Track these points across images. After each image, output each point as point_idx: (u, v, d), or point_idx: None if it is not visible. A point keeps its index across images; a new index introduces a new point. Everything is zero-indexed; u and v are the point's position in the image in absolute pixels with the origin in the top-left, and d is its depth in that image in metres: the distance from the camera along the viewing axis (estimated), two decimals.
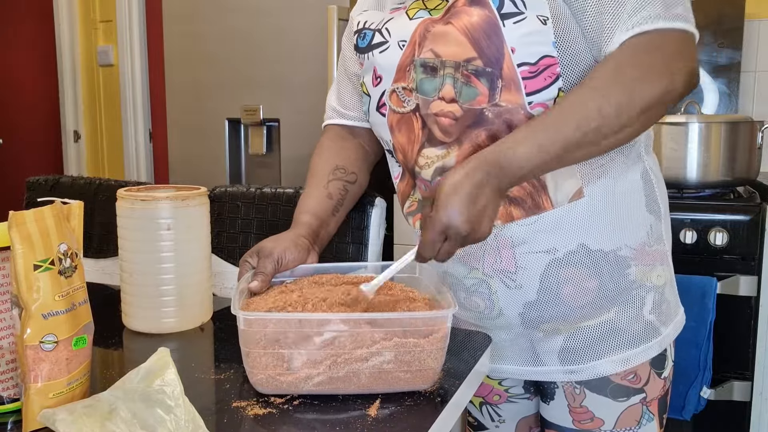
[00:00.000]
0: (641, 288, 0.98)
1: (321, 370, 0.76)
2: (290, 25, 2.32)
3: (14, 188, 3.05)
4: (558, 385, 1.03)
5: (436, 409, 0.75)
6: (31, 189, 1.61)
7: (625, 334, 0.98)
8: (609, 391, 1.00)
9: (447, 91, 0.92)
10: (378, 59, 1.00)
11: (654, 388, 1.01)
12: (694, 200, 1.81)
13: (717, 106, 2.28)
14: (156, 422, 0.65)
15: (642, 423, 1.01)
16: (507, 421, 1.18)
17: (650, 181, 0.99)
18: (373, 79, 1.01)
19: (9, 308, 0.75)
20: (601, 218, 0.94)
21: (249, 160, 2.54)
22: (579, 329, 0.98)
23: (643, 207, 0.98)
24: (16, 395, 0.75)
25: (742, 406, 1.78)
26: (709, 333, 1.70)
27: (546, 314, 0.97)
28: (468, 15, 0.90)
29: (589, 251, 0.94)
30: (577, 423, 1.02)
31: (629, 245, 0.96)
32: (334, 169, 1.11)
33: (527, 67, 0.88)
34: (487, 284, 0.98)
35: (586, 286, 0.95)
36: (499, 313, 0.99)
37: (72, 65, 3.41)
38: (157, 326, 1.01)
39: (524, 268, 0.95)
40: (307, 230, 1.02)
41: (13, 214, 0.68)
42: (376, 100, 1.02)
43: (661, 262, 1.00)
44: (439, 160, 0.95)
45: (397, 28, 0.98)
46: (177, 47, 2.54)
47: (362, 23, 1.04)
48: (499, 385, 1.16)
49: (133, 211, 0.99)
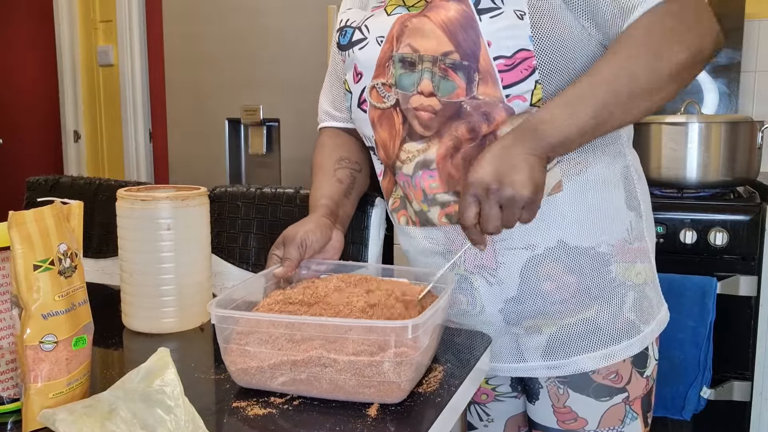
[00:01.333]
0: (621, 286, 0.98)
1: (283, 371, 0.76)
2: (290, 25, 2.32)
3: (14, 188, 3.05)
4: (542, 385, 1.04)
5: (436, 409, 0.75)
6: (31, 189, 1.61)
7: (605, 331, 0.98)
8: (591, 391, 1.00)
9: (425, 86, 0.93)
10: (358, 56, 1.01)
11: (636, 387, 1.02)
12: (694, 200, 1.81)
13: (717, 106, 2.29)
14: (156, 422, 0.65)
15: (626, 422, 1.02)
16: (495, 421, 1.19)
17: (631, 177, 1.00)
18: (354, 76, 1.02)
19: (9, 308, 0.75)
20: (580, 215, 0.94)
21: (249, 160, 2.54)
22: (561, 327, 0.99)
23: (623, 204, 0.98)
24: (16, 395, 0.75)
25: (742, 406, 1.78)
26: (709, 333, 1.70)
27: (527, 310, 0.98)
28: (445, 9, 0.91)
29: (568, 248, 0.95)
30: (562, 423, 1.03)
31: (609, 242, 0.96)
32: (339, 159, 1.12)
33: (503, 60, 0.89)
34: (468, 281, 0.98)
35: (566, 282, 0.96)
36: (481, 310, 1.00)
37: (72, 65, 3.41)
38: (157, 326, 1.01)
39: (504, 264, 0.96)
40: (325, 211, 1.03)
41: (13, 214, 0.68)
42: (357, 97, 1.02)
43: (641, 260, 1.00)
44: (420, 154, 0.96)
45: (375, 24, 0.99)
46: (177, 47, 2.54)
47: (344, 21, 1.06)
48: (486, 384, 1.16)
49: (133, 211, 0.99)
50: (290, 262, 0.95)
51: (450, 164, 0.94)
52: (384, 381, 0.74)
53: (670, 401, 1.75)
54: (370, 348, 0.74)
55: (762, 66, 2.28)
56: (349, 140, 1.15)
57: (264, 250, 1.37)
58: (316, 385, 0.76)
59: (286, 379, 0.77)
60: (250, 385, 0.79)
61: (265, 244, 1.37)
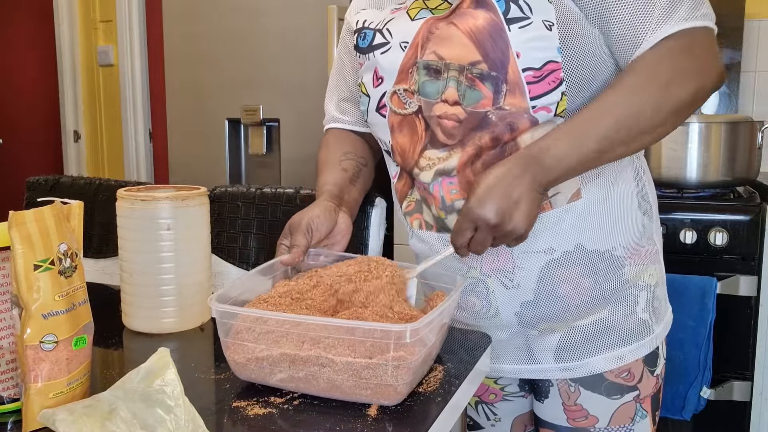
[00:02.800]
0: (635, 287, 0.99)
1: (282, 367, 0.76)
2: (290, 25, 2.32)
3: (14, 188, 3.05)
4: (553, 383, 1.04)
5: (436, 409, 0.75)
6: (31, 189, 1.61)
7: (618, 332, 0.99)
8: (603, 389, 1.00)
9: (450, 94, 0.92)
10: (380, 60, 0.99)
11: (647, 386, 1.02)
12: (694, 200, 1.81)
13: (717, 106, 2.29)
14: (156, 422, 0.65)
15: (636, 420, 1.02)
16: (502, 420, 1.19)
17: (642, 182, 1.01)
18: (374, 80, 1.01)
19: (9, 308, 0.75)
20: (597, 219, 0.95)
21: (249, 160, 2.54)
22: (574, 328, 0.99)
23: (636, 208, 0.99)
24: (16, 395, 0.75)
25: (742, 406, 1.78)
26: (709, 333, 1.70)
27: (542, 313, 0.98)
28: (473, 18, 0.90)
29: (586, 251, 0.95)
30: (572, 421, 1.03)
31: (623, 245, 0.97)
32: (344, 153, 1.12)
33: (532, 71, 0.88)
34: (484, 284, 0.98)
35: (583, 285, 0.96)
36: (495, 313, 0.99)
37: (72, 65, 3.41)
38: (157, 326, 1.01)
39: (522, 267, 0.95)
40: (329, 196, 1.03)
41: (13, 214, 0.68)
42: (376, 101, 1.01)
43: (653, 261, 1.01)
44: (440, 162, 0.95)
45: (398, 28, 0.98)
46: (177, 47, 2.54)
47: (361, 22, 1.04)
48: (494, 384, 1.16)
49: (133, 211, 0.99)
50: (298, 248, 0.95)
51: (469, 171, 0.94)
52: (381, 383, 0.73)
53: (670, 401, 1.75)
54: (368, 350, 0.74)
55: (762, 66, 2.28)
56: (354, 138, 1.15)
57: (264, 250, 1.37)
58: (314, 383, 0.76)
59: (285, 376, 0.77)
60: (250, 379, 0.80)
61: (265, 244, 1.37)
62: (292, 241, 0.96)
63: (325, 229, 0.98)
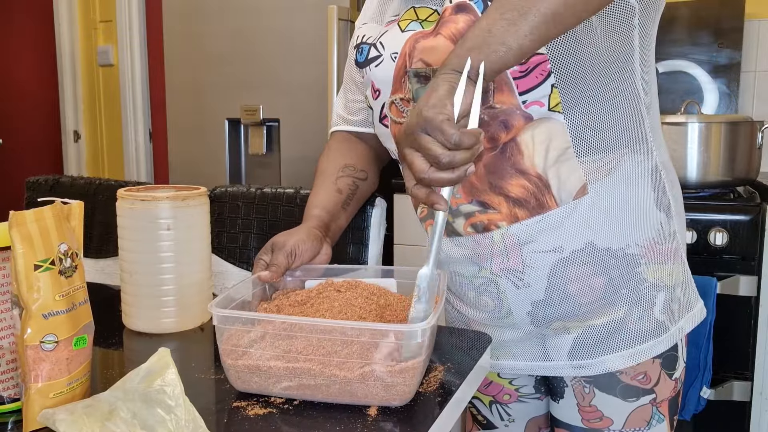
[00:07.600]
0: (652, 287, 0.97)
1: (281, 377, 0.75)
2: (290, 25, 2.32)
3: (14, 188, 3.05)
4: (567, 384, 1.03)
5: (436, 409, 0.75)
6: (31, 189, 1.61)
7: (633, 331, 0.97)
8: (618, 391, 0.99)
9: None
10: (375, 73, 1.01)
11: (664, 389, 1.01)
12: (694, 200, 1.80)
13: (717, 106, 2.29)
14: (156, 422, 0.65)
15: (652, 424, 1.01)
16: (516, 421, 1.18)
17: (660, 177, 0.98)
18: (373, 93, 1.03)
19: (9, 308, 0.75)
20: (608, 216, 0.94)
21: (249, 160, 2.55)
22: (588, 327, 0.98)
23: (652, 204, 0.97)
24: (16, 395, 0.75)
25: (742, 406, 1.78)
26: (709, 333, 1.70)
27: (554, 312, 0.97)
28: (454, 23, 0.91)
29: (597, 249, 0.94)
30: (586, 422, 1.02)
31: (638, 243, 0.95)
32: (343, 166, 1.11)
33: (516, 66, 0.88)
34: (495, 283, 0.98)
35: (594, 284, 0.95)
36: (508, 312, 0.99)
37: (72, 65, 3.41)
38: (157, 326, 1.01)
39: (531, 267, 0.95)
40: (318, 223, 1.03)
41: (13, 214, 0.68)
42: (378, 113, 1.03)
43: (673, 260, 0.99)
44: None
45: (389, 40, 1.00)
46: (177, 47, 2.54)
47: (360, 37, 1.06)
48: (509, 385, 1.15)
49: (133, 211, 0.99)
50: (277, 268, 0.94)
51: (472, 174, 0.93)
52: (390, 385, 0.73)
53: None
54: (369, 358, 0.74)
55: (762, 66, 2.28)
56: (358, 146, 1.15)
57: None
58: (316, 392, 0.75)
59: (285, 385, 0.76)
60: (252, 390, 0.78)
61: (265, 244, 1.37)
62: (272, 259, 0.96)
63: (308, 257, 0.98)
